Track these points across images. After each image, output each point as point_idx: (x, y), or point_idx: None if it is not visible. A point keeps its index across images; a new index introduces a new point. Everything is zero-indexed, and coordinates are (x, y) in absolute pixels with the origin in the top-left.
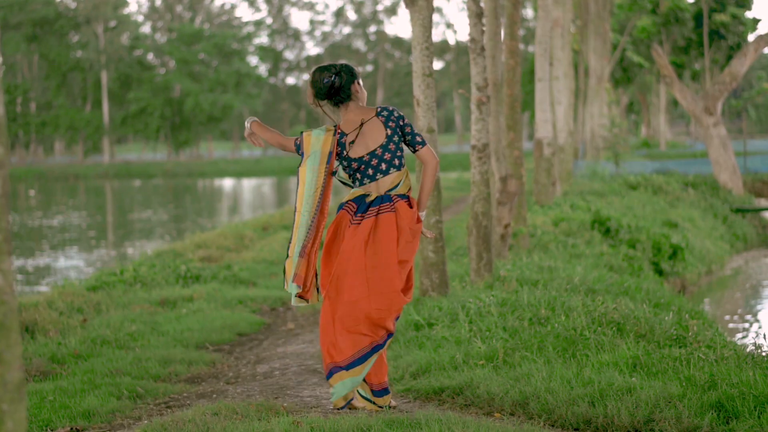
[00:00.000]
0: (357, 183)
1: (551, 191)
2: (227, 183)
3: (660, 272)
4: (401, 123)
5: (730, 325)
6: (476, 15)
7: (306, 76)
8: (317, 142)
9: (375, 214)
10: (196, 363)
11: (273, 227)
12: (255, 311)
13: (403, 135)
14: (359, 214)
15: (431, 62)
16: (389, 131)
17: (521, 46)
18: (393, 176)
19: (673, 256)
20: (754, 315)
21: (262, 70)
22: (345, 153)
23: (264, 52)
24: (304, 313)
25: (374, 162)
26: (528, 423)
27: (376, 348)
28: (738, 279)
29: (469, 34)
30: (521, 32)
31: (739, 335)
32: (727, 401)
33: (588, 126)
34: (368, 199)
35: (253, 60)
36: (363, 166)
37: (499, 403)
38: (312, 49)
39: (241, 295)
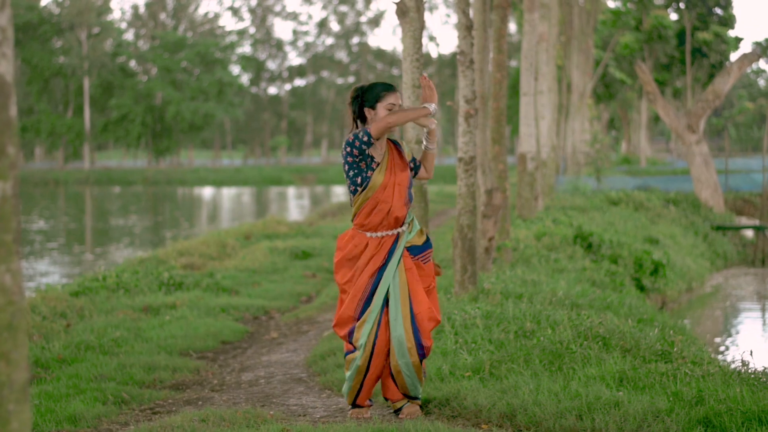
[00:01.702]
0: None
1: (534, 205)
2: (207, 191)
3: (641, 288)
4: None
5: (712, 342)
6: (466, 28)
7: (288, 87)
8: None
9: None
10: (180, 370)
11: (255, 236)
12: (238, 319)
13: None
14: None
15: (421, 73)
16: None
17: None
18: None
19: (655, 272)
20: (735, 333)
21: (244, 79)
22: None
23: (246, 61)
24: (287, 323)
25: None
26: None
27: None
28: (718, 296)
29: (459, 47)
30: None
31: (720, 352)
32: (715, 417)
33: (569, 141)
34: None
35: (235, 69)
36: None
37: (487, 414)
38: (294, 59)
39: (224, 303)
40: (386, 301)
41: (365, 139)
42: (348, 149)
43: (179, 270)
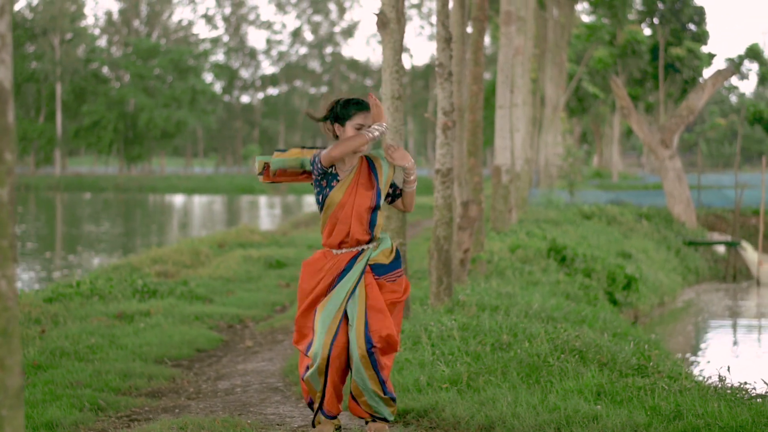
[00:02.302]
0: None
1: (508, 218)
2: (178, 199)
3: (614, 302)
4: None
5: (684, 357)
6: (445, 40)
7: (260, 95)
8: None
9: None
10: (156, 377)
11: (229, 244)
12: (212, 328)
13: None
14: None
15: (401, 85)
16: None
17: None
18: None
19: (627, 286)
20: (706, 348)
21: (217, 87)
22: None
23: (219, 69)
24: (261, 332)
25: None
26: None
27: None
28: (690, 311)
29: (438, 59)
30: None
31: (693, 367)
32: None
33: (542, 154)
34: None
35: (208, 77)
36: None
37: (465, 426)
38: (268, 68)
39: (198, 311)
40: (345, 315)
41: (318, 166)
42: (311, 169)
43: (153, 277)
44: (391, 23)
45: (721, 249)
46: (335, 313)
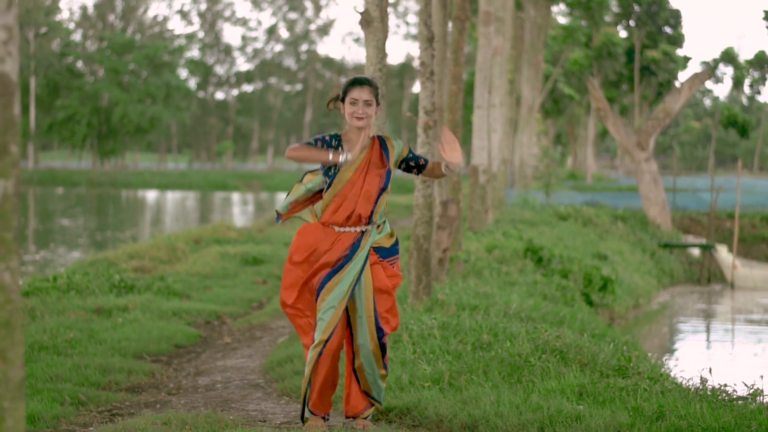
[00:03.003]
0: None
1: (484, 218)
2: (151, 195)
3: (590, 303)
4: None
5: (660, 359)
6: (427, 39)
7: (235, 92)
8: None
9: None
10: (135, 372)
11: (205, 241)
12: (190, 324)
13: None
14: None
15: (384, 83)
16: None
17: None
18: None
19: (603, 288)
20: (681, 350)
21: (192, 83)
22: None
23: (194, 65)
24: (239, 328)
25: None
26: None
27: None
28: (665, 314)
29: (420, 58)
30: None
31: (668, 370)
32: None
33: (517, 155)
34: None
35: (183, 73)
36: None
37: (448, 425)
38: (243, 65)
39: (176, 307)
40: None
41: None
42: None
43: (130, 272)
44: (375, 22)
45: (695, 252)
46: (341, 299)
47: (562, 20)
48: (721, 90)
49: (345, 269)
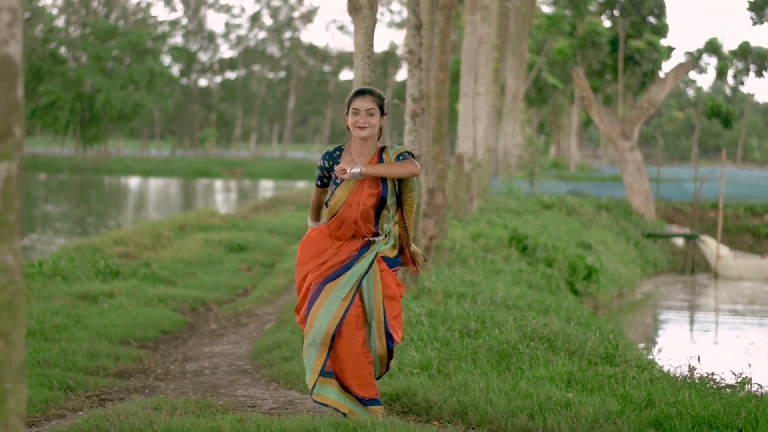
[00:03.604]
0: None
1: (469, 206)
2: (134, 181)
3: (575, 292)
4: None
5: (644, 348)
6: (415, 27)
7: (218, 79)
8: None
9: None
10: (123, 358)
11: (190, 227)
12: (176, 310)
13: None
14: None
15: (372, 71)
16: None
17: None
18: None
19: (588, 277)
20: (664, 339)
21: (175, 70)
22: None
23: (178, 52)
24: (225, 315)
25: None
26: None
27: None
28: (648, 303)
29: (408, 46)
30: None
31: (652, 358)
32: (665, 420)
33: (501, 144)
34: None
35: (166, 60)
36: None
37: (438, 411)
38: (226, 52)
39: (161, 293)
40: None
41: (327, 164)
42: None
43: (115, 258)
44: (364, 9)
45: (679, 242)
46: (345, 296)
47: (546, 9)
48: (705, 80)
49: (349, 272)
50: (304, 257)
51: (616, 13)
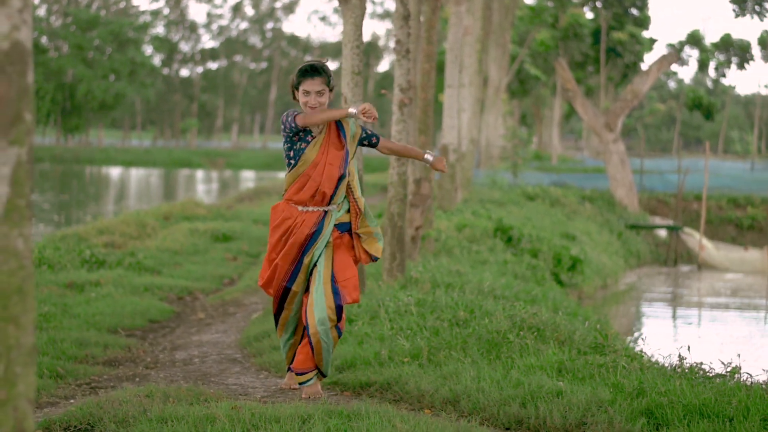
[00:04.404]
0: None
1: (454, 197)
2: (115, 171)
3: (560, 283)
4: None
5: (634, 338)
6: (403, 17)
7: (200, 69)
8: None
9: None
10: (111, 346)
11: (175, 217)
12: (162, 299)
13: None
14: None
15: (361, 60)
16: None
17: None
18: None
19: (573, 267)
20: (648, 330)
21: (157, 60)
22: None
23: (159, 42)
24: (212, 304)
25: None
26: (463, 420)
27: None
28: (632, 294)
29: (395, 36)
30: None
31: (642, 348)
32: (657, 409)
33: (483, 135)
34: None
35: (147, 50)
36: None
37: (429, 399)
38: (208, 42)
39: (148, 282)
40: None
41: (292, 125)
42: (282, 126)
43: (100, 248)
44: None
45: (662, 233)
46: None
47: (529, 1)
48: (686, 72)
49: (309, 254)
50: (272, 231)
51: (598, 4)
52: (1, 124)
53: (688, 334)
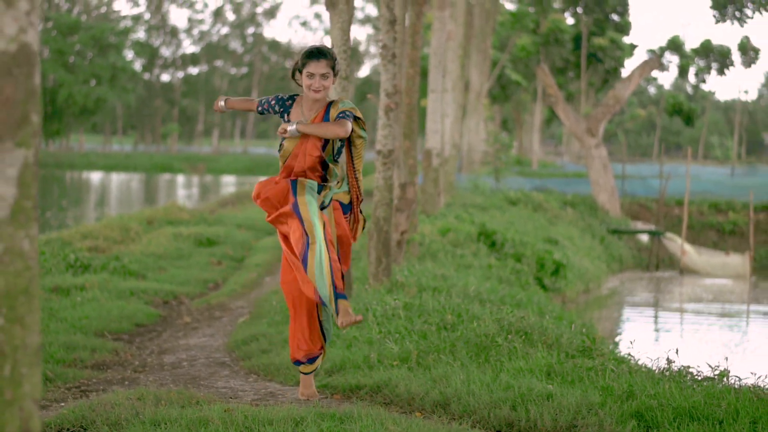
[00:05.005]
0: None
1: (437, 201)
2: (96, 176)
3: (543, 287)
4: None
5: (624, 342)
6: (390, 22)
7: (181, 74)
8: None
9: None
10: (99, 350)
11: (158, 221)
12: (148, 303)
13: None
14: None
15: (348, 65)
16: None
17: None
18: None
19: (556, 272)
20: (632, 335)
21: (138, 65)
22: None
23: (140, 47)
24: (198, 308)
25: None
26: (455, 423)
27: None
28: (614, 299)
29: (381, 41)
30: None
31: (628, 352)
32: (647, 411)
33: (465, 140)
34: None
35: (128, 54)
36: None
37: (420, 402)
38: (189, 47)
39: (133, 286)
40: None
41: (277, 108)
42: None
43: (85, 252)
44: (340, 3)
45: (644, 238)
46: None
47: (510, 6)
48: (666, 78)
49: (309, 209)
50: (264, 200)
51: (579, 10)
52: (9, 125)
53: (671, 338)
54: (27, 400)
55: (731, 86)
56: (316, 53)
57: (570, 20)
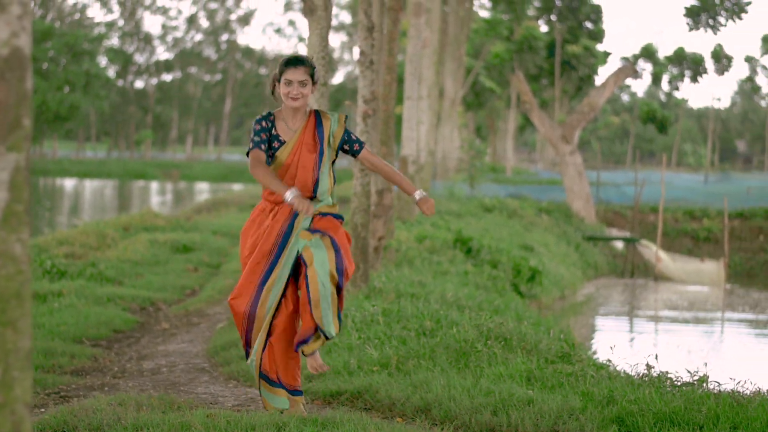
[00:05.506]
0: None
1: (412, 208)
2: (70, 183)
3: (519, 294)
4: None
5: (605, 348)
6: (368, 29)
7: (154, 81)
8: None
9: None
10: (78, 356)
11: (134, 228)
12: (126, 309)
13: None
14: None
15: (327, 71)
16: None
17: None
18: None
19: (532, 278)
20: (607, 341)
21: (111, 72)
22: None
23: (114, 53)
24: (176, 314)
25: None
26: (436, 428)
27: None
28: (590, 305)
29: (360, 47)
30: None
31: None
32: (627, 416)
33: (439, 147)
34: None
35: (102, 61)
36: None
37: (401, 408)
38: (162, 54)
39: (110, 292)
40: (290, 275)
41: (264, 135)
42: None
43: (61, 258)
44: (318, 10)
45: (619, 245)
46: (286, 273)
47: (484, 14)
48: (640, 86)
49: (282, 259)
50: (243, 246)
51: (553, 18)
52: (0, 130)
53: (647, 344)
54: (19, 403)
55: (704, 94)
56: (294, 60)
57: (544, 28)
